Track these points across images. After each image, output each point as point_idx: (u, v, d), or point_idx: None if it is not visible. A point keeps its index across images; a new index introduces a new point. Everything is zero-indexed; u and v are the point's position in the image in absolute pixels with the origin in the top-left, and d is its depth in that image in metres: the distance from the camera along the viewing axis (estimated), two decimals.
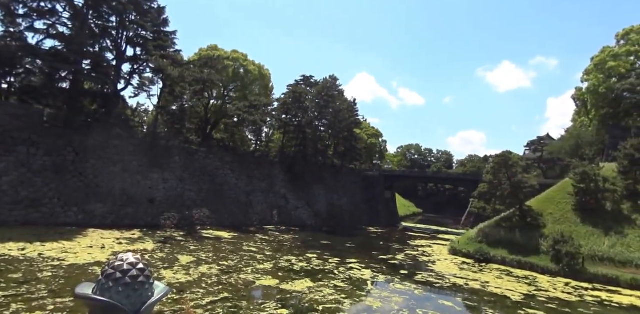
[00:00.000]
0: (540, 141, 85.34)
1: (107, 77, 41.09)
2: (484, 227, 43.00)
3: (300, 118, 64.53)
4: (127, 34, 42.83)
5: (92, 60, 40.48)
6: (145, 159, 40.50)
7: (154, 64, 42.09)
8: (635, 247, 33.32)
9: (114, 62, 42.69)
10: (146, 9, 43.19)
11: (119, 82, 43.51)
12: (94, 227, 32.56)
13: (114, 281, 1.82)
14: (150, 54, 42.49)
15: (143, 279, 1.89)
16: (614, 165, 42.35)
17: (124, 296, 1.81)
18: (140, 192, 38.85)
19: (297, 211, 56.83)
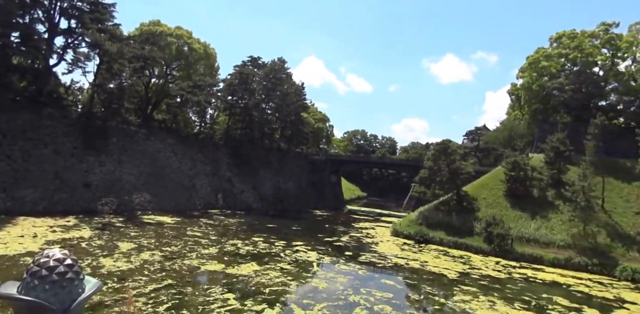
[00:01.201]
0: (477, 131, 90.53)
1: (37, 51, 36.81)
2: (423, 211, 45.10)
3: (246, 100, 62.94)
4: (61, 4, 38.47)
5: (22, 32, 35.97)
6: (79, 140, 37.41)
7: (90, 38, 38.57)
8: (558, 229, 36.73)
9: (46, 35, 38.33)
10: None
11: (51, 57, 39.30)
12: (24, 214, 29.66)
13: (39, 279, 1.72)
14: (87, 27, 38.76)
15: (72, 276, 1.79)
16: (542, 156, 45.83)
17: (51, 294, 1.71)
18: (74, 176, 35.99)
19: (242, 194, 56.07)
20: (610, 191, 39.60)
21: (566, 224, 36.50)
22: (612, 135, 44.42)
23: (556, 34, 56.86)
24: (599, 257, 32.86)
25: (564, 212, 38.01)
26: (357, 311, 17.51)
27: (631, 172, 39.55)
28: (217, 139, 60.48)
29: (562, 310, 20.92)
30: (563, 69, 54.79)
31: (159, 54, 48.50)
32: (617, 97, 53.07)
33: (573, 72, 52.87)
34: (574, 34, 54.96)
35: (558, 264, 33.13)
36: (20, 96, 36.06)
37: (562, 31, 56.51)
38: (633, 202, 37.85)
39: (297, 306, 17.38)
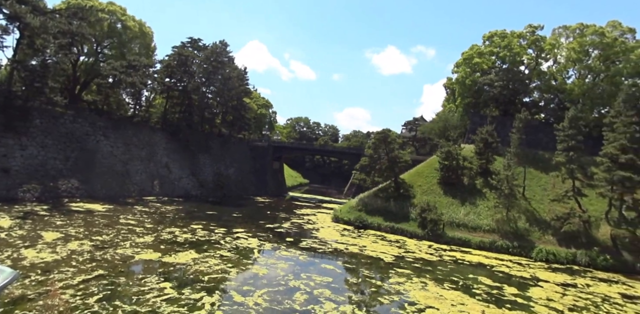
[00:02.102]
0: (415, 121, 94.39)
1: None
2: (363, 197, 46.52)
3: (185, 83, 60.21)
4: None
5: None
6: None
7: (9, 9, 34.57)
8: (484, 215, 39.77)
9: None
10: None
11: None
12: None
13: None
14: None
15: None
16: (472, 146, 48.94)
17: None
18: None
19: (180, 180, 54.14)
20: (530, 180, 43.44)
21: (491, 210, 39.63)
22: (534, 129, 48.50)
23: (489, 33, 60.30)
24: (519, 240, 36.17)
25: (490, 199, 41.19)
26: (297, 295, 17.80)
27: (549, 164, 43.45)
28: (154, 122, 57.50)
29: (485, 289, 22.78)
30: (494, 66, 58.39)
31: (89, 30, 44.71)
32: (539, 94, 57.87)
33: (502, 70, 56.56)
34: (504, 33, 58.61)
35: (484, 247, 36.01)
36: None
37: (494, 30, 60.02)
38: (549, 191, 41.83)
39: (237, 293, 17.30)
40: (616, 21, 51.88)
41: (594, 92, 51.00)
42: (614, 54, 50.16)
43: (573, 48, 51.66)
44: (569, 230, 34.92)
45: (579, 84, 52.47)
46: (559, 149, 38.43)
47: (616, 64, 50.53)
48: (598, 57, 51.28)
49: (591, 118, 50.21)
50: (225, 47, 67.13)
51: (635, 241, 33.65)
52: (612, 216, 35.72)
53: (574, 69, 54.59)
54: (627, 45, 49.95)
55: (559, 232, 35.90)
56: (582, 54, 51.49)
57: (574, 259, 33.49)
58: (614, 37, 50.01)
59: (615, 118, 36.98)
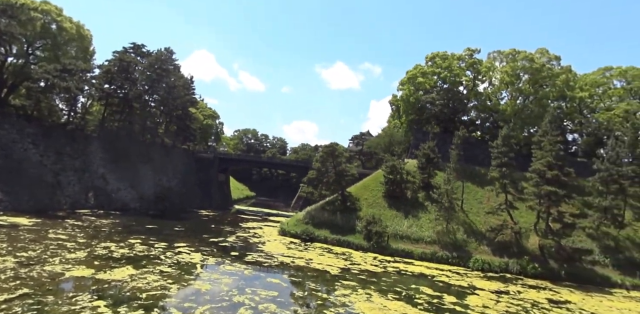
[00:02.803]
0: (362, 136, 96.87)
1: None
2: (310, 210, 46.60)
3: (127, 90, 57.50)
4: None
5: None
6: None
7: None
8: (426, 227, 41.34)
9: None
10: None
11: None
12: None
13: None
14: None
15: None
16: (415, 161, 50.96)
17: None
18: None
19: (118, 192, 51.12)
20: (467, 193, 45.97)
21: (433, 222, 41.32)
22: (471, 146, 51.63)
23: (431, 54, 63.93)
24: (458, 251, 37.93)
25: (431, 212, 42.98)
26: (241, 311, 17.34)
27: (484, 178, 46.37)
28: (90, 130, 54.11)
29: (426, 298, 23.53)
30: (435, 85, 61.84)
31: (19, 30, 41.56)
32: (476, 113, 61.95)
33: (443, 89, 60.12)
34: (445, 55, 62.43)
35: (425, 258, 37.30)
36: None
37: (436, 52, 63.76)
38: (485, 204, 44.51)
39: (178, 310, 16.55)
40: (544, 49, 57.19)
41: (524, 112, 55.63)
42: (541, 79, 55.28)
43: (506, 72, 56.18)
44: (502, 240, 37.35)
45: (511, 104, 56.98)
46: (493, 165, 41.18)
47: (543, 87, 55.72)
48: (528, 81, 56.13)
49: (521, 137, 54.55)
50: (171, 54, 65.25)
51: (560, 250, 36.51)
52: (540, 227, 38.61)
53: (506, 91, 59.30)
54: (553, 71, 55.35)
55: (493, 243, 38.16)
56: (514, 78, 56.17)
57: (507, 268, 35.64)
58: (542, 63, 55.19)
59: (542, 137, 40.41)
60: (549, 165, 37.15)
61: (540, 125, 44.96)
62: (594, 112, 58.78)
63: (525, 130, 56.69)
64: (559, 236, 36.10)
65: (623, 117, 52.04)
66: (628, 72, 56.51)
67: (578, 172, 40.98)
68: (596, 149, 53.53)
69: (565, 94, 55.88)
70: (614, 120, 52.46)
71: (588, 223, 38.62)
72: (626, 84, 57.09)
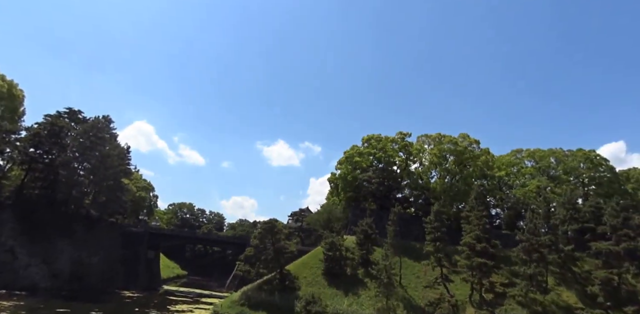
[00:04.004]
0: (301, 212, 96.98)
1: None
2: (247, 290, 44.09)
3: (54, 156, 54.72)
4: None
5: None
6: None
7: None
8: (366, 304, 40.61)
9: None
10: None
11: None
12: None
13: None
14: None
15: None
16: (354, 238, 51.63)
17: None
18: None
19: (27, 269, 45.33)
20: (405, 268, 46.58)
21: (373, 299, 40.79)
22: (406, 222, 53.76)
23: (367, 136, 69.26)
24: None
25: (371, 289, 42.57)
26: None
27: (420, 253, 47.67)
28: (4, 197, 49.26)
29: None
30: (371, 164, 65.91)
31: None
32: (409, 191, 65.95)
33: (379, 168, 64.17)
34: (380, 137, 67.90)
35: None
36: None
37: (372, 134, 69.29)
38: (422, 278, 45.17)
39: None
40: (465, 134, 64.60)
41: (452, 190, 60.34)
42: (465, 160, 61.70)
43: (434, 153, 61.99)
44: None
45: (440, 183, 61.75)
46: (428, 239, 43.02)
47: (467, 167, 61.77)
48: (453, 161, 62.13)
49: (451, 212, 58.12)
50: (108, 123, 64.06)
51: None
52: (474, 299, 39.60)
53: (435, 171, 64.67)
54: (475, 153, 62.14)
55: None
56: (441, 159, 61.95)
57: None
58: (465, 146, 61.90)
59: (469, 212, 43.66)
60: (478, 238, 39.61)
61: (467, 201, 48.86)
62: (511, 188, 65.83)
63: (454, 206, 60.78)
64: (492, 306, 37.17)
65: (536, 192, 58.57)
66: (535, 153, 66.14)
67: (503, 244, 44.30)
68: (517, 222, 58.53)
69: (486, 173, 62.47)
70: (529, 195, 58.84)
71: (517, 291, 40.42)
72: (535, 163, 66.25)
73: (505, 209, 63.46)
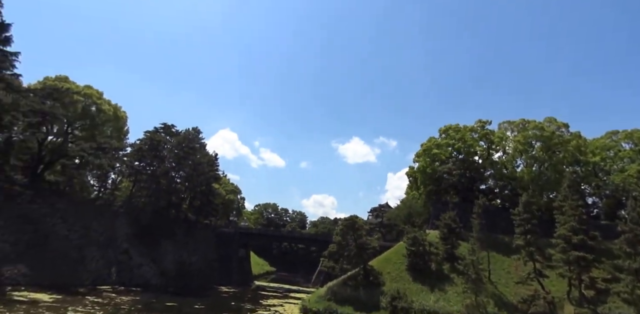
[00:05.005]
0: (381, 208, 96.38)
1: None
2: (332, 286, 44.92)
3: (155, 167, 60.63)
4: None
5: None
6: None
7: None
8: (454, 301, 39.18)
9: None
10: None
11: None
12: None
13: None
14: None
15: None
16: (437, 232, 50.09)
17: None
18: None
19: (140, 268, 50.90)
20: (494, 263, 44.18)
21: (460, 295, 39.25)
22: (492, 214, 50.82)
23: (444, 127, 66.54)
24: None
25: (458, 285, 41.00)
26: None
27: (510, 247, 44.68)
28: (117, 206, 55.98)
29: None
30: (451, 156, 63.23)
31: (61, 111, 45.68)
32: (494, 182, 62.15)
33: (459, 160, 61.32)
34: (458, 127, 64.87)
35: None
36: None
37: (449, 125, 66.43)
38: (513, 274, 42.51)
39: None
40: (552, 118, 59.23)
41: (540, 178, 55.62)
42: (553, 146, 56.33)
43: (518, 141, 57.65)
44: (535, 312, 34.93)
45: (527, 172, 57.26)
46: (517, 232, 40.28)
47: (557, 154, 56.42)
48: (541, 148, 57.17)
49: (542, 202, 53.65)
50: (197, 134, 69.50)
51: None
52: (573, 296, 36.33)
53: (521, 159, 60.07)
54: (564, 138, 56.62)
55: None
56: (527, 146, 57.37)
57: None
58: (552, 130, 56.74)
59: (563, 202, 40.07)
60: (574, 229, 36.28)
61: (559, 190, 44.90)
62: (608, 174, 58.83)
63: (544, 195, 56.16)
64: (594, 303, 33.83)
65: (637, 177, 51.89)
66: (634, 134, 58.31)
67: (603, 236, 39.95)
68: (617, 211, 52.63)
69: (579, 158, 56.47)
70: (629, 181, 52.39)
71: (622, 287, 35.98)
72: (634, 145, 58.38)
73: (603, 197, 57.78)
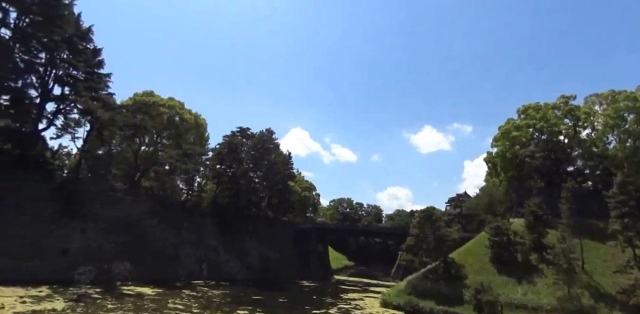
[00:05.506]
0: (459, 198, 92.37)
1: (27, 115, 38.19)
2: (412, 279, 44.34)
3: (235, 169, 64.25)
4: (57, 71, 40.84)
5: (12, 96, 37.50)
6: (60, 205, 37.09)
7: (83, 105, 40.27)
8: (544, 293, 36.57)
9: (38, 100, 39.89)
10: (80, 49, 42.19)
11: (40, 122, 40.50)
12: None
13: None
14: (80, 95, 40.53)
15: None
16: (522, 220, 47.04)
17: None
18: (52, 243, 35.15)
19: (227, 264, 54.52)
20: (587, 251, 40.33)
21: (551, 287, 36.51)
22: (582, 197, 46.24)
23: (522, 107, 62.02)
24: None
25: (548, 276, 38.20)
26: None
27: (604, 233, 40.76)
28: (204, 207, 60.41)
29: None
30: (532, 137, 58.81)
31: (150, 123, 50.40)
32: (582, 162, 56.55)
33: (541, 141, 56.79)
34: (538, 106, 60.08)
35: None
36: (4, 159, 35.61)
37: (528, 104, 61.78)
38: (610, 262, 38.51)
39: None
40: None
41: (637, 155, 49.77)
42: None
43: (608, 115, 52.02)
44: (637, 303, 31.42)
45: (620, 148, 51.53)
46: (613, 216, 36.56)
47: None
48: (635, 120, 51.04)
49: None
50: (271, 134, 72.23)
51: None
52: None
53: (613, 135, 54.15)
54: None
55: (628, 306, 32.26)
56: (619, 120, 51.57)
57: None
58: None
59: None
60: None
61: None
62: None
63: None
64: None
65: None
66: None
67: None
68: None
69: None
70: None
71: None
72: None
73: None
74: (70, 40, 40.34)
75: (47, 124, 41.38)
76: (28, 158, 37.01)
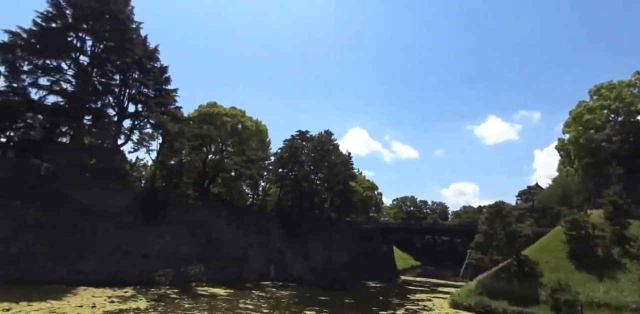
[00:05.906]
0: (530, 190, 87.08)
1: (107, 132, 42.50)
2: (482, 279, 42.49)
3: (296, 172, 65.94)
4: (130, 91, 44.84)
5: (94, 115, 41.79)
6: (141, 213, 40.84)
7: (155, 120, 43.88)
8: (629, 291, 33.39)
9: (115, 118, 44.16)
10: (149, 68, 45.88)
11: (119, 138, 44.75)
12: (84, 285, 31.58)
13: None
14: (151, 111, 44.14)
15: None
16: (601, 211, 43.35)
17: None
18: (134, 248, 38.70)
19: (293, 265, 56.11)
20: None
21: (636, 283, 33.22)
22: None
23: (595, 87, 57.27)
24: None
25: (632, 271, 34.84)
26: None
27: None
28: (269, 210, 62.66)
29: None
30: (607, 120, 54.00)
31: (215, 133, 53.63)
32: None
33: (618, 123, 51.91)
34: (612, 85, 55.10)
35: None
36: (89, 173, 39.50)
37: (600, 84, 56.89)
38: None
39: None
40: None
41: None
42: None
43: None
44: None
45: None
46: None
47: None
48: None
49: None
50: (330, 136, 73.20)
51: None
52: None
53: None
54: None
55: None
56: None
57: None
58: None
59: None
60: None
61: None
62: None
63: None
64: None
65: None
66: None
67: None
68: None
69: None
70: None
71: None
72: None
73: None
74: (139, 61, 43.96)
75: (125, 139, 45.56)
76: (110, 171, 40.86)
